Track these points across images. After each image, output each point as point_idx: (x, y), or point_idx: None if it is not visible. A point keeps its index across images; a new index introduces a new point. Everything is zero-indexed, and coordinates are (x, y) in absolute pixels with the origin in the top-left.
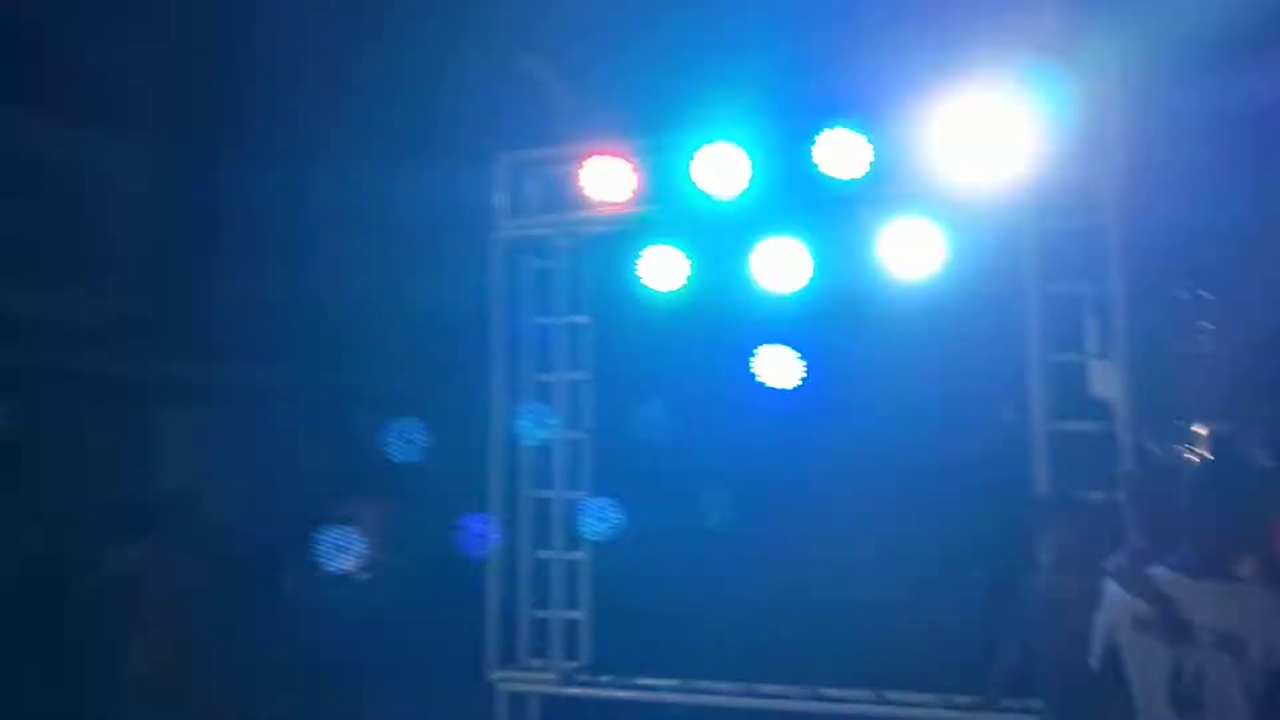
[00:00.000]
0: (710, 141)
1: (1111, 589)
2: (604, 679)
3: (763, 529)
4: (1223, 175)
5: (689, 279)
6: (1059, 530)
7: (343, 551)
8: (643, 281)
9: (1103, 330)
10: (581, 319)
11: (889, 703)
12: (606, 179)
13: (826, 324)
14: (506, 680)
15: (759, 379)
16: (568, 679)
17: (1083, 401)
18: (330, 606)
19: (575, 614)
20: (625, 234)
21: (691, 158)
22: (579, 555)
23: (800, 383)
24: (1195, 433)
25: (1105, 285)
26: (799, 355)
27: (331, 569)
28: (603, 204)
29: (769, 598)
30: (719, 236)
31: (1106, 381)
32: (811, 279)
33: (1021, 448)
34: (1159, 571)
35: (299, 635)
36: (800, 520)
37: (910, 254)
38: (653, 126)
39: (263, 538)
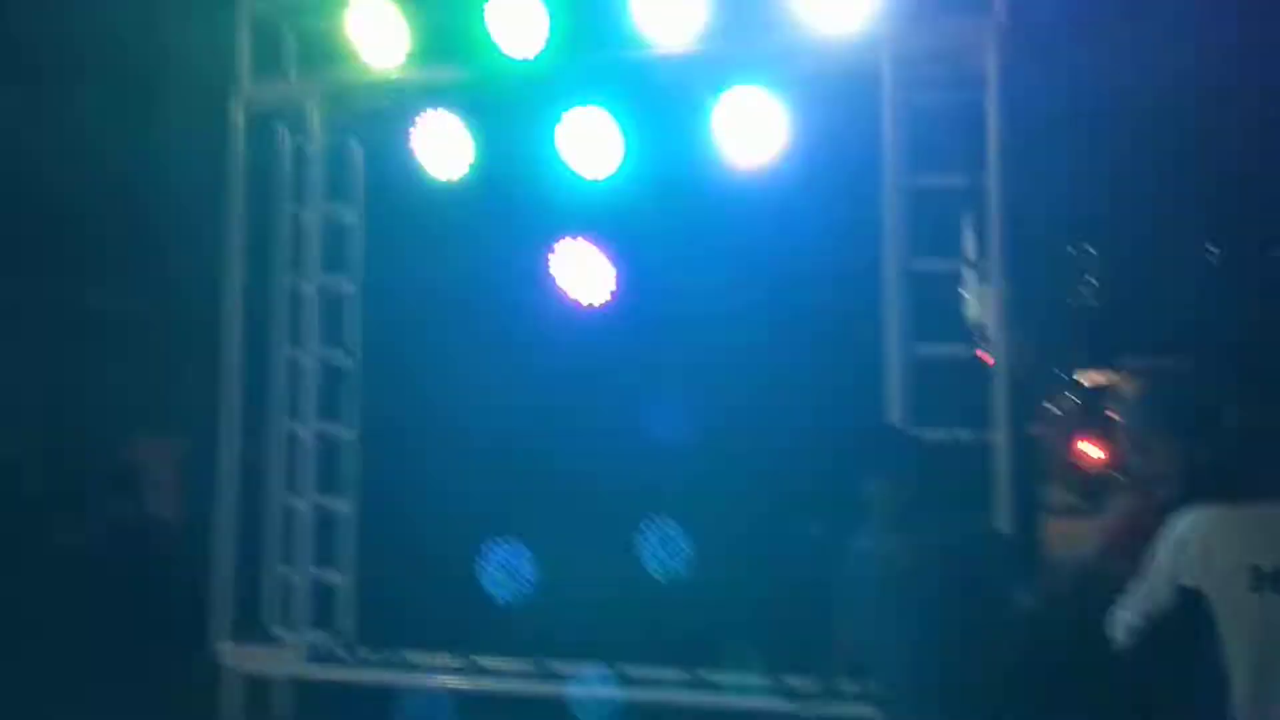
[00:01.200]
0: None
1: (1199, 533)
2: (363, 656)
3: (563, 467)
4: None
5: (474, 162)
6: (895, 477)
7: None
8: (419, 164)
9: (979, 234)
10: (346, 212)
11: (705, 685)
12: (377, 32)
13: (643, 220)
14: (237, 656)
15: (560, 290)
16: (316, 654)
17: (951, 323)
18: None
19: (333, 575)
20: (400, 104)
21: (482, 6)
22: (340, 504)
23: (610, 297)
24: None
25: (980, 177)
26: (610, 261)
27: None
28: (373, 65)
29: (572, 558)
30: (513, 108)
31: (983, 303)
32: (624, 163)
33: (877, 372)
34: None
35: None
36: (609, 462)
37: (746, 134)
38: None
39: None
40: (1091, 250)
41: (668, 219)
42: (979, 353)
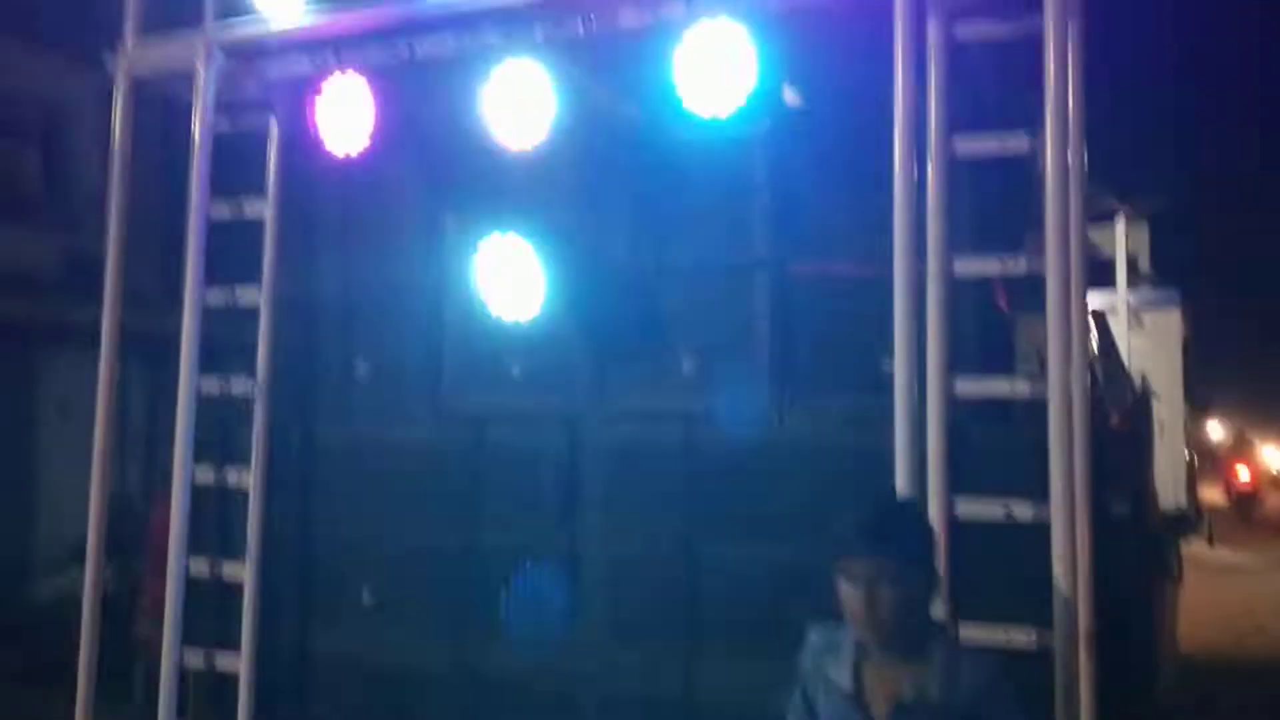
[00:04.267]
0: None
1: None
2: None
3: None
4: None
5: (382, 134)
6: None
7: None
8: (319, 140)
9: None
10: (255, 206)
11: None
12: None
13: (580, 192)
14: None
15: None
16: None
17: (997, 349)
18: None
19: (229, 660)
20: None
21: None
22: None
23: (540, 312)
24: None
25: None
26: (539, 251)
27: None
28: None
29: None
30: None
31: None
32: (556, 123)
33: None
34: None
35: None
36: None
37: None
38: None
39: None
40: None
41: (611, 188)
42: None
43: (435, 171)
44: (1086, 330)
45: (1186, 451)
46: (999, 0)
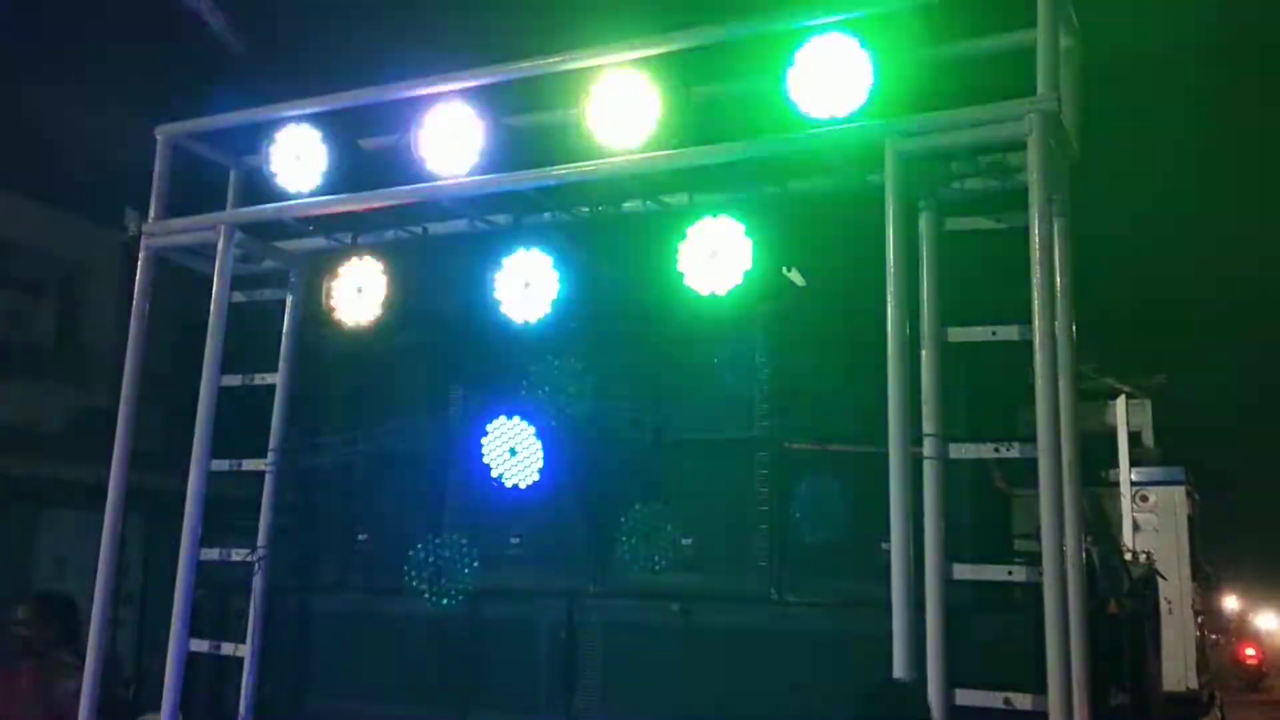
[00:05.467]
0: None
1: None
2: None
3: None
4: None
5: (392, 306)
6: None
7: None
8: (332, 314)
9: None
10: (266, 377)
11: None
12: (300, 161)
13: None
14: None
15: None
16: None
17: None
18: None
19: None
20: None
21: None
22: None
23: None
24: None
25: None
26: (538, 432)
27: None
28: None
29: None
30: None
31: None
32: (558, 299)
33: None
34: None
35: None
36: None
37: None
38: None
39: None
40: None
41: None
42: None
43: (443, 345)
44: (1081, 517)
45: (1197, 631)
46: (986, 198)
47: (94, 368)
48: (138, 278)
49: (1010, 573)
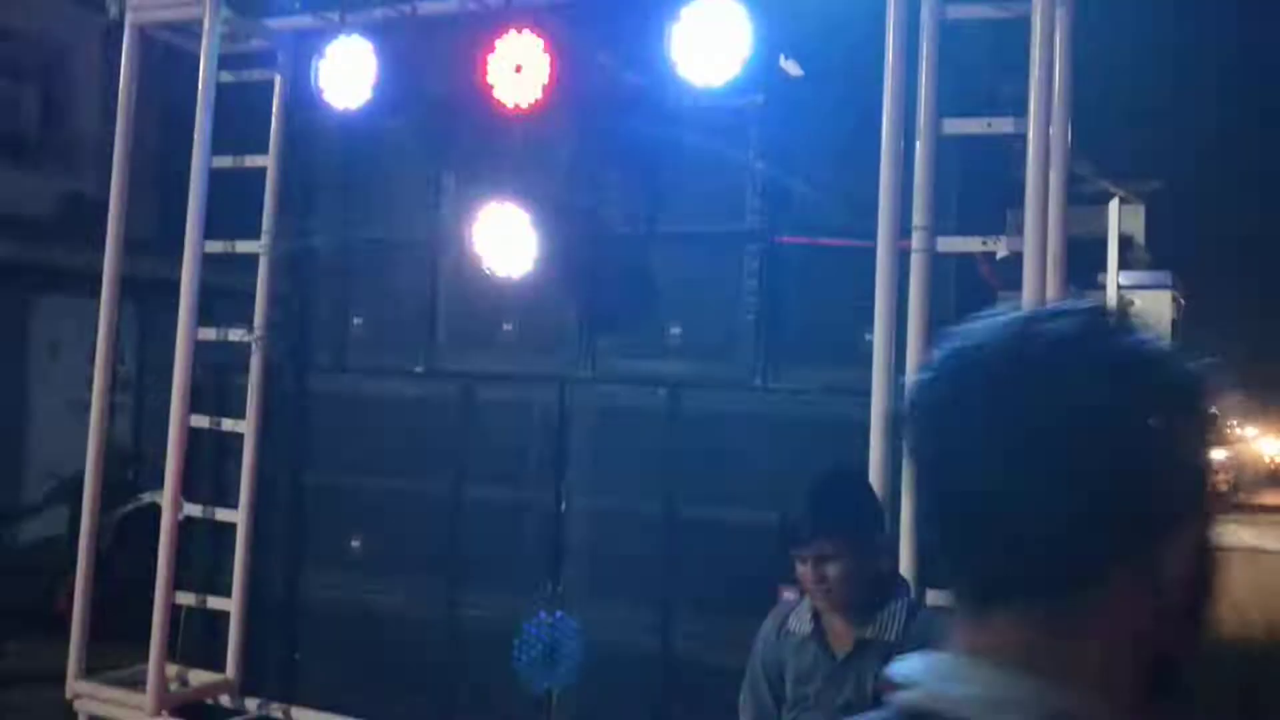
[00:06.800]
0: None
1: None
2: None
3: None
4: None
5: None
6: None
7: None
8: (322, 95)
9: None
10: (256, 159)
11: None
12: None
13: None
14: (87, 697)
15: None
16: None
17: None
18: None
19: (220, 601)
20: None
21: None
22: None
23: (534, 266)
24: None
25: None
26: (533, 215)
27: None
28: None
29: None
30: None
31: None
32: (553, 86)
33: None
34: None
35: None
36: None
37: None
38: None
39: None
40: None
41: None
42: None
43: (434, 131)
44: None
45: None
46: None
47: (80, 154)
48: (124, 58)
49: None
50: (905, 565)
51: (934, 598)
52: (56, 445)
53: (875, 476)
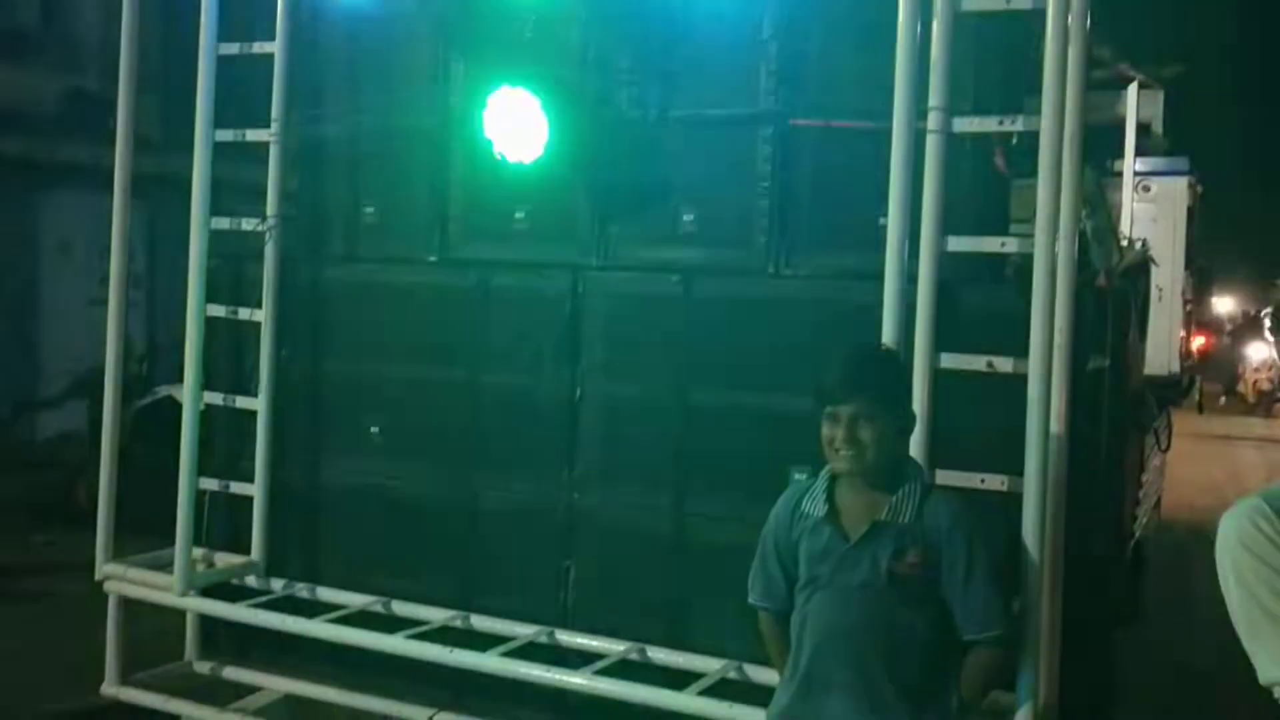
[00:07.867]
0: None
1: None
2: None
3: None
4: None
5: None
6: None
7: None
8: None
9: None
10: (264, 46)
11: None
12: None
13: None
14: (117, 579)
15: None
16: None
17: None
18: None
19: (243, 486)
20: None
21: None
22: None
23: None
24: None
25: None
26: (541, 105)
27: None
28: None
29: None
30: None
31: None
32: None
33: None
34: None
35: None
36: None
37: None
38: None
39: None
40: None
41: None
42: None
43: (444, 15)
44: (1078, 191)
45: (1184, 319)
46: None
47: (82, 50)
48: None
49: (1004, 244)
50: (915, 449)
51: (943, 478)
52: (71, 342)
53: None
